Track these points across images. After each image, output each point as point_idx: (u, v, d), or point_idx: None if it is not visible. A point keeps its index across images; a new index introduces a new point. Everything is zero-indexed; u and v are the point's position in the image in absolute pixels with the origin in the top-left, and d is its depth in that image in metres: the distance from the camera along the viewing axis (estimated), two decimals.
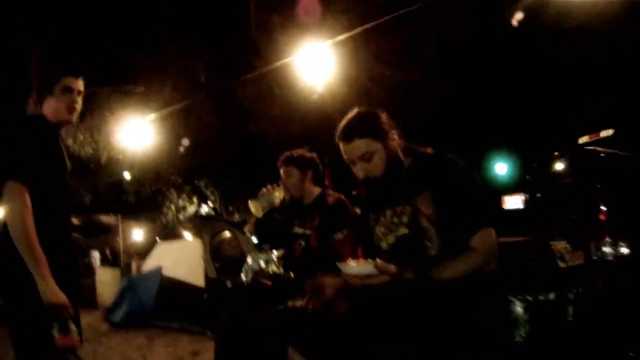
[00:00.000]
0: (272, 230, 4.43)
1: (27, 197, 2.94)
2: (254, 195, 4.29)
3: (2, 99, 11.77)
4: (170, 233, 13.75)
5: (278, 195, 4.23)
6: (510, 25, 13.25)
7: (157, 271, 11.21)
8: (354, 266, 2.26)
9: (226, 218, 33.11)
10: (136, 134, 11.99)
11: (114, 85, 14.27)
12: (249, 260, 3.89)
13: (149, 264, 12.05)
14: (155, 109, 12.77)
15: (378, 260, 2.23)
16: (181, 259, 11.27)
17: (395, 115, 2.88)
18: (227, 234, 12.54)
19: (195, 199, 32.10)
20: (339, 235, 3.97)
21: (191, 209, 31.91)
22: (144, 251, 15.65)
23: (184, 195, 31.79)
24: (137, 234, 31.55)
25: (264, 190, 4.27)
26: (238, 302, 4.58)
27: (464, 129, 17.86)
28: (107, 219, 25.69)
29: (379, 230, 2.71)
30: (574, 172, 9.00)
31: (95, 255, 28.12)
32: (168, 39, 13.44)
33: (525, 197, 10.78)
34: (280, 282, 3.75)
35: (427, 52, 13.66)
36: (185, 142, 17.85)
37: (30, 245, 2.88)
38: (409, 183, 2.60)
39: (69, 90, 3.37)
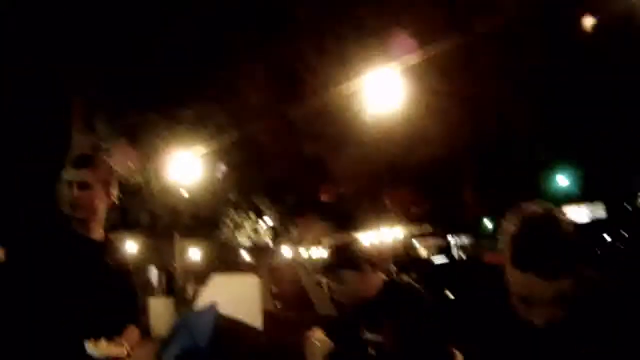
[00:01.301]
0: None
1: None
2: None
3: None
4: (227, 254, 12.90)
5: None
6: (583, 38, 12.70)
7: (212, 307, 10.18)
8: None
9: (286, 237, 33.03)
10: (186, 169, 11.16)
11: (163, 111, 13.53)
12: None
13: (202, 300, 11.06)
14: (207, 137, 12.00)
15: None
16: (239, 296, 10.25)
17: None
18: (284, 265, 11.54)
19: (252, 216, 31.67)
20: None
21: (249, 227, 31.49)
22: (201, 274, 14.86)
23: (242, 213, 31.32)
24: (194, 253, 30.90)
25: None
26: None
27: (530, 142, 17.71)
28: None
29: None
30: None
31: (154, 272, 27.62)
32: (223, 64, 12.88)
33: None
34: None
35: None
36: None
37: None
38: None
39: (68, 183, 3.00)
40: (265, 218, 32.48)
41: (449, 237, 33.94)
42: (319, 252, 36.36)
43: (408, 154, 23.66)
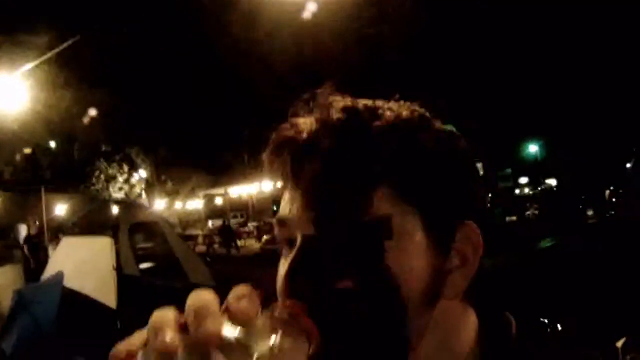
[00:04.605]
0: None
1: None
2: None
3: None
4: (97, 208, 11.31)
5: None
6: None
7: (58, 281, 8.57)
8: None
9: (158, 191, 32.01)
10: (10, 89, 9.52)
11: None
12: None
13: (51, 268, 9.45)
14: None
15: None
16: (90, 263, 8.74)
17: None
18: (152, 226, 10.10)
19: (125, 168, 30.34)
20: None
21: (122, 179, 30.18)
22: (69, 232, 13.32)
23: (114, 164, 29.86)
24: (62, 208, 28.77)
25: None
26: None
27: None
28: None
29: None
30: None
31: (22, 229, 25.58)
32: None
33: None
34: None
35: None
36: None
37: None
38: None
39: None
40: (140, 171, 31.10)
41: None
42: (194, 204, 35.41)
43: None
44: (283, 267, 0.72)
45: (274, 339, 0.59)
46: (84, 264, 8.80)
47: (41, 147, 24.72)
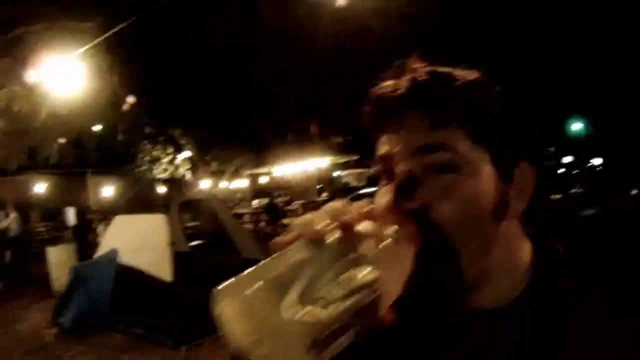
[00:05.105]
0: None
1: None
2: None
3: None
4: (140, 193, 11.41)
5: None
6: None
7: (112, 258, 8.74)
8: None
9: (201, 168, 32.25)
10: (66, 72, 9.59)
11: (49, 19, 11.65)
12: None
13: (104, 245, 9.61)
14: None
15: None
16: (144, 240, 8.86)
17: None
18: (201, 203, 10.19)
19: (170, 149, 30.59)
20: None
21: (166, 160, 30.44)
22: (115, 212, 13.50)
23: (158, 146, 30.12)
24: (108, 190, 29.22)
25: None
26: None
27: None
28: None
29: None
30: None
31: (70, 212, 25.99)
32: None
33: None
34: None
35: None
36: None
37: None
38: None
39: None
40: (184, 152, 31.26)
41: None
42: (239, 183, 35.49)
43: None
44: (384, 194, 0.95)
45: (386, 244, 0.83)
46: (138, 241, 8.93)
47: (87, 131, 25.04)
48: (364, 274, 0.79)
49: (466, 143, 0.93)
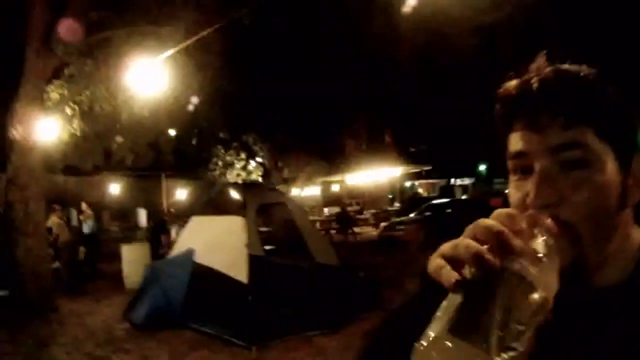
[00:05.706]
0: None
1: None
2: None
3: None
4: (216, 196, 11.46)
5: None
6: None
7: (189, 257, 8.79)
8: None
9: (276, 176, 32.38)
10: (148, 76, 9.74)
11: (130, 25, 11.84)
12: None
13: (180, 245, 9.68)
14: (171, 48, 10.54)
15: None
16: (221, 241, 8.88)
17: None
18: (277, 207, 10.16)
19: (243, 155, 30.86)
20: None
21: (239, 165, 30.71)
22: (188, 214, 13.69)
23: (231, 151, 30.41)
24: (181, 193, 29.77)
25: None
26: None
27: None
28: None
29: None
30: None
31: (142, 213, 26.53)
32: None
33: None
34: None
35: None
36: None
37: None
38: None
39: None
40: (257, 158, 31.51)
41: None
42: (311, 191, 35.53)
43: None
44: (518, 190, 1.03)
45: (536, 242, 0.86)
46: (214, 241, 8.99)
47: (163, 134, 25.48)
48: (534, 298, 0.80)
49: (594, 140, 1.00)
